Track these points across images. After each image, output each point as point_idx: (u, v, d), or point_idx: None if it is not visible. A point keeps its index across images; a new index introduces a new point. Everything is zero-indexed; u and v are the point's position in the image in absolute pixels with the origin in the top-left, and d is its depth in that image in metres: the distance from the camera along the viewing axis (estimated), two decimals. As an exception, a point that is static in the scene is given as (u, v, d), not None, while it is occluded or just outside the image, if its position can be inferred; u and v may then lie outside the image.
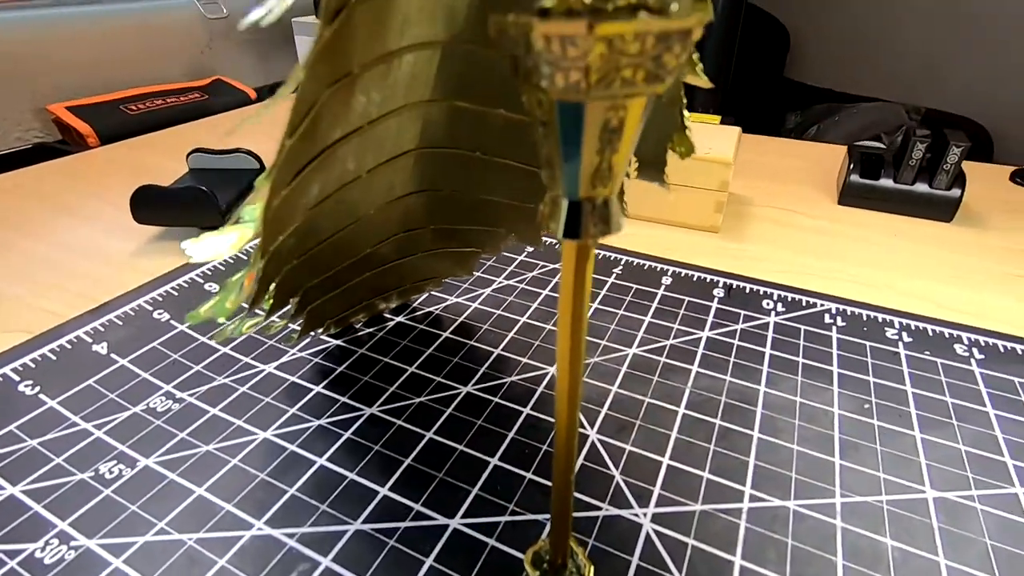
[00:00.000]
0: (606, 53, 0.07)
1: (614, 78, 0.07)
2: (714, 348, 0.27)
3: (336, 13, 0.10)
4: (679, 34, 0.07)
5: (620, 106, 0.08)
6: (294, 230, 0.15)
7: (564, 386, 0.11)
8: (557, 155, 0.08)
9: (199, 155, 0.41)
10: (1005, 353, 0.27)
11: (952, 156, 0.39)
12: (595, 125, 0.08)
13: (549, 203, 0.09)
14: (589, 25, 0.07)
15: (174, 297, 0.30)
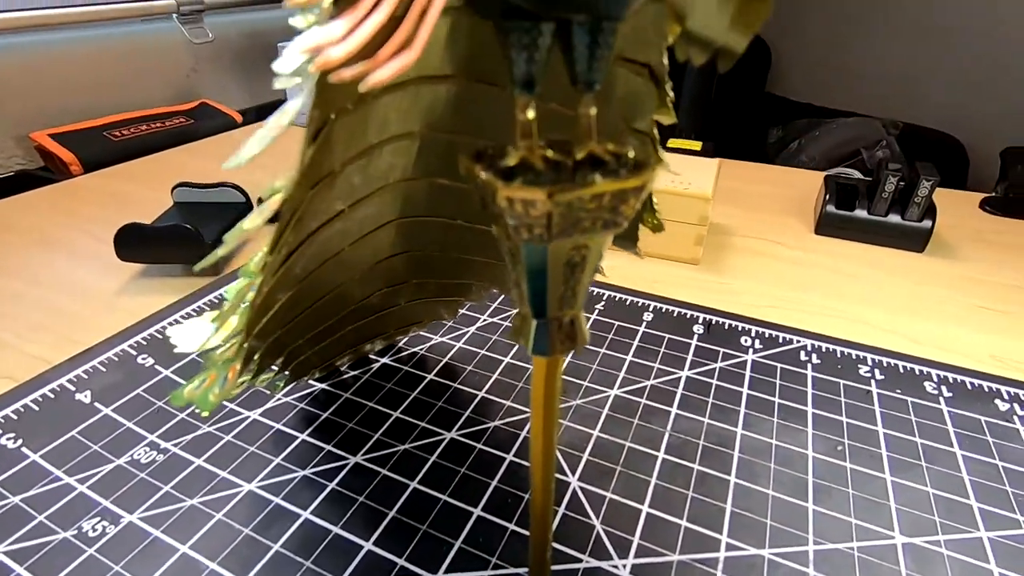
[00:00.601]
0: (566, 212, 0.07)
1: (574, 229, 0.08)
2: (693, 388, 0.28)
3: (316, 133, 0.11)
4: (634, 190, 0.08)
5: (582, 245, 0.08)
6: (278, 308, 0.15)
7: (538, 482, 0.11)
8: (524, 282, 0.09)
9: (184, 189, 0.41)
10: (972, 391, 0.28)
11: (923, 189, 0.40)
12: (558, 263, 0.08)
13: (519, 319, 0.09)
14: (549, 193, 0.07)
15: (158, 341, 0.30)
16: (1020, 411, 0.26)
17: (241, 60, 0.80)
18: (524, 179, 0.07)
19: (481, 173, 0.08)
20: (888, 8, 1.68)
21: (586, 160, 0.07)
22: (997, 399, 0.27)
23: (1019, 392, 0.28)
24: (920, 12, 1.65)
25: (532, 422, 0.10)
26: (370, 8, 0.06)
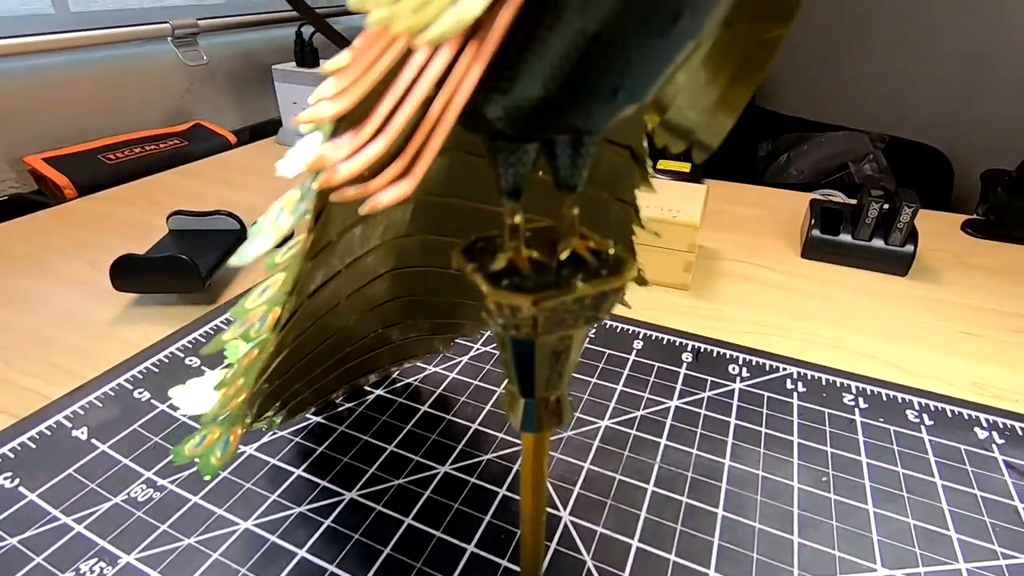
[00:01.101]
0: (550, 315, 0.08)
1: (558, 327, 0.08)
2: (682, 419, 0.28)
3: (317, 217, 0.11)
4: (613, 291, 0.08)
5: (566, 337, 0.09)
6: (278, 362, 0.16)
7: (528, 541, 0.12)
8: (512, 366, 0.09)
9: (179, 217, 0.41)
10: (952, 418, 0.28)
11: (904, 215, 0.41)
12: (544, 353, 0.09)
13: (508, 396, 0.10)
14: (534, 300, 0.08)
15: (155, 374, 0.30)
16: (998, 439, 0.27)
17: (235, 81, 0.80)
18: (511, 282, 0.08)
19: (472, 274, 0.08)
20: (874, 24, 1.72)
21: (569, 259, 0.08)
22: (976, 427, 0.28)
23: (997, 420, 0.28)
24: (904, 28, 1.68)
25: (522, 490, 0.11)
26: (373, 134, 0.07)
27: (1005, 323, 0.37)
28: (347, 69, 0.08)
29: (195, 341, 0.33)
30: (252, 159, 0.66)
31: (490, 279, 0.08)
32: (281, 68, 0.68)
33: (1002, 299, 0.40)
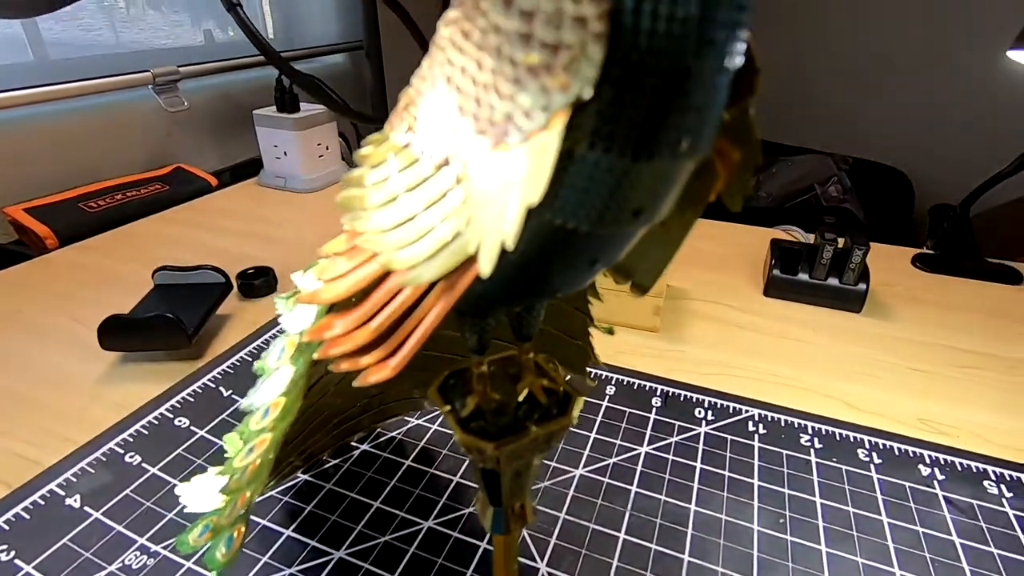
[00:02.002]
0: (510, 453, 0.10)
1: (518, 460, 0.10)
2: (652, 465, 0.30)
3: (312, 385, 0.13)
4: (560, 429, 0.10)
5: (526, 463, 0.11)
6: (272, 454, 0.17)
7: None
8: (481, 484, 0.11)
9: (165, 273, 0.43)
10: (899, 456, 0.31)
11: (856, 257, 0.44)
12: (507, 476, 0.11)
13: (480, 503, 0.12)
14: (495, 445, 0.09)
15: (144, 437, 0.31)
16: (939, 476, 0.30)
17: (215, 122, 0.82)
18: (477, 427, 0.10)
19: (446, 415, 0.10)
20: (832, 49, 1.80)
21: (527, 399, 0.10)
22: (920, 464, 0.30)
23: (940, 457, 0.31)
24: (860, 56, 1.77)
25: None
26: (364, 320, 0.09)
27: (950, 358, 0.40)
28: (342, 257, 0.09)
29: (183, 401, 0.34)
30: (233, 202, 0.67)
31: (460, 423, 0.10)
32: (262, 113, 0.69)
33: (948, 333, 0.43)
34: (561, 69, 0.07)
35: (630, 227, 0.09)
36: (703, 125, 0.09)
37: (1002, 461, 0.31)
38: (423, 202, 0.08)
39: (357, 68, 1.10)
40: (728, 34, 0.08)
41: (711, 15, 0.07)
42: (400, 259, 0.08)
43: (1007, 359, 0.40)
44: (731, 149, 0.11)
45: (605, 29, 0.06)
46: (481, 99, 0.08)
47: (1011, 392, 0.36)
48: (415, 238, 0.08)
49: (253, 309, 0.45)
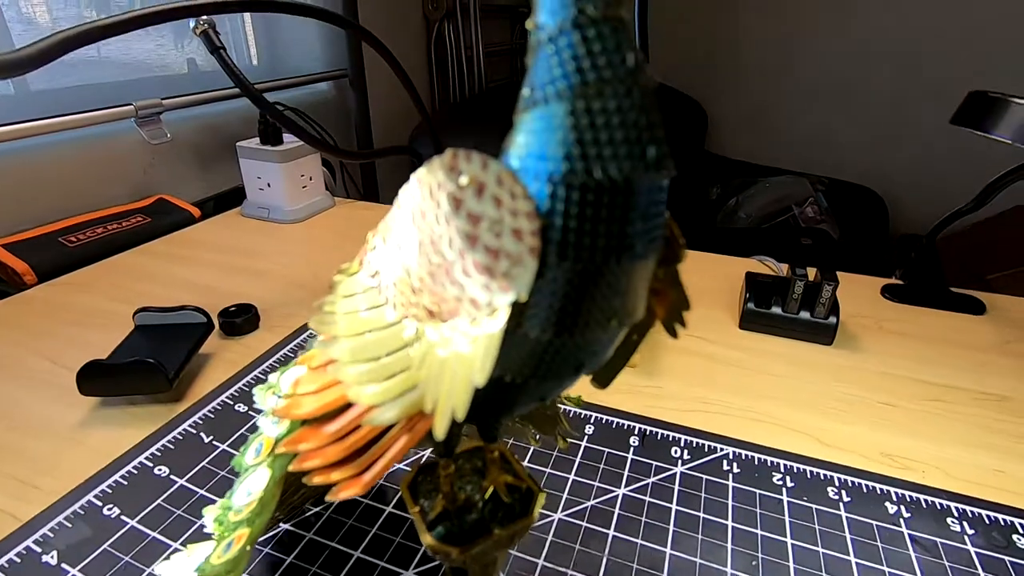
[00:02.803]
0: (476, 555, 0.10)
1: (484, 558, 0.11)
2: (629, 507, 0.31)
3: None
4: (522, 528, 0.11)
5: (491, 558, 0.11)
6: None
7: None
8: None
9: (146, 313, 0.43)
10: (867, 493, 0.32)
11: (825, 292, 0.45)
12: (476, 569, 0.11)
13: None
14: (460, 550, 0.10)
15: (123, 487, 0.31)
16: (905, 513, 0.31)
17: (199, 152, 0.82)
18: (444, 530, 0.10)
19: (415, 516, 0.11)
20: (808, 75, 1.85)
21: (492, 495, 0.11)
22: (887, 501, 0.31)
23: (906, 494, 0.32)
24: (836, 79, 1.82)
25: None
26: (335, 438, 0.09)
27: (916, 391, 0.41)
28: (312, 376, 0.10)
29: (164, 448, 0.34)
30: (216, 235, 0.68)
31: (428, 525, 0.10)
32: (245, 145, 0.70)
33: (914, 365, 0.44)
34: (501, 275, 0.08)
35: (574, 378, 0.10)
36: (626, 305, 0.10)
37: (964, 497, 0.32)
38: (386, 348, 0.09)
39: (342, 96, 1.11)
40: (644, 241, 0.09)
41: (630, 229, 0.08)
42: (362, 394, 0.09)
43: (969, 391, 0.41)
44: (667, 293, 0.13)
45: (538, 244, 0.07)
46: (436, 275, 0.09)
47: (972, 425, 0.38)
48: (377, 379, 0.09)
49: (235, 348, 0.45)
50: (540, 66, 0.09)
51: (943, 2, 1.64)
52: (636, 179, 0.08)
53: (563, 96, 0.08)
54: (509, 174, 0.09)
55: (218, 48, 0.45)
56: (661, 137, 0.09)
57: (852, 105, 1.85)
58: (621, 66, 0.08)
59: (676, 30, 1.91)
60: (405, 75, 0.63)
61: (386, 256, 0.10)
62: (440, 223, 0.09)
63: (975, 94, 0.45)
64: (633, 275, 0.09)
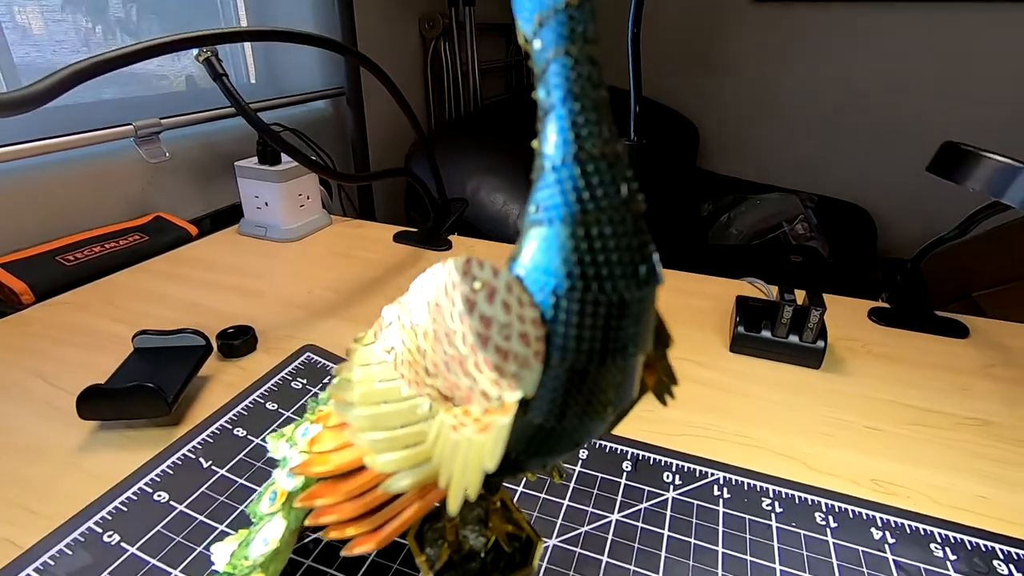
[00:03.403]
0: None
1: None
2: (622, 533, 0.31)
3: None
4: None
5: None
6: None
7: None
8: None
9: (145, 336, 0.43)
10: (853, 519, 0.33)
11: (813, 317, 0.46)
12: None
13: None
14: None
15: (123, 513, 0.31)
16: (890, 539, 0.31)
17: (196, 170, 0.83)
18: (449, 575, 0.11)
19: (422, 565, 0.11)
20: (795, 98, 1.88)
21: (494, 544, 0.11)
22: (873, 527, 0.32)
23: (891, 519, 0.33)
24: (825, 101, 1.86)
25: None
26: (351, 496, 0.10)
27: (901, 415, 0.42)
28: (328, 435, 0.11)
29: (163, 474, 0.34)
30: (214, 253, 0.68)
31: (435, 574, 0.11)
32: (244, 165, 0.70)
33: (900, 389, 0.45)
34: (511, 375, 0.09)
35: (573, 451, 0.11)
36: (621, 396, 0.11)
37: (947, 523, 0.33)
38: (400, 420, 0.10)
39: (339, 113, 1.12)
40: (636, 343, 0.10)
41: (623, 335, 0.10)
42: (378, 462, 0.10)
43: (951, 415, 0.42)
44: (656, 366, 0.14)
45: (543, 349, 0.08)
46: (450, 365, 0.10)
47: (955, 450, 0.39)
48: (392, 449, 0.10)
49: (233, 370, 0.45)
50: (545, 190, 0.10)
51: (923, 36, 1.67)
52: (629, 294, 0.09)
53: (566, 221, 0.09)
54: (518, 283, 0.10)
55: (220, 75, 0.46)
56: (651, 254, 0.10)
57: (840, 126, 1.88)
58: (616, 196, 0.09)
59: (671, 49, 1.95)
60: (402, 98, 0.64)
61: (401, 336, 0.11)
62: (455, 320, 0.10)
63: (948, 145, 0.46)
64: (627, 370, 0.10)
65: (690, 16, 1.91)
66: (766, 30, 1.84)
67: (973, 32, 1.63)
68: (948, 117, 1.72)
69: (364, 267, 0.65)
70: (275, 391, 0.42)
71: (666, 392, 0.15)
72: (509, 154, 1.14)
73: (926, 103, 1.74)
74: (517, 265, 0.10)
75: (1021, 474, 0.37)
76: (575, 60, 0.10)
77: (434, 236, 0.72)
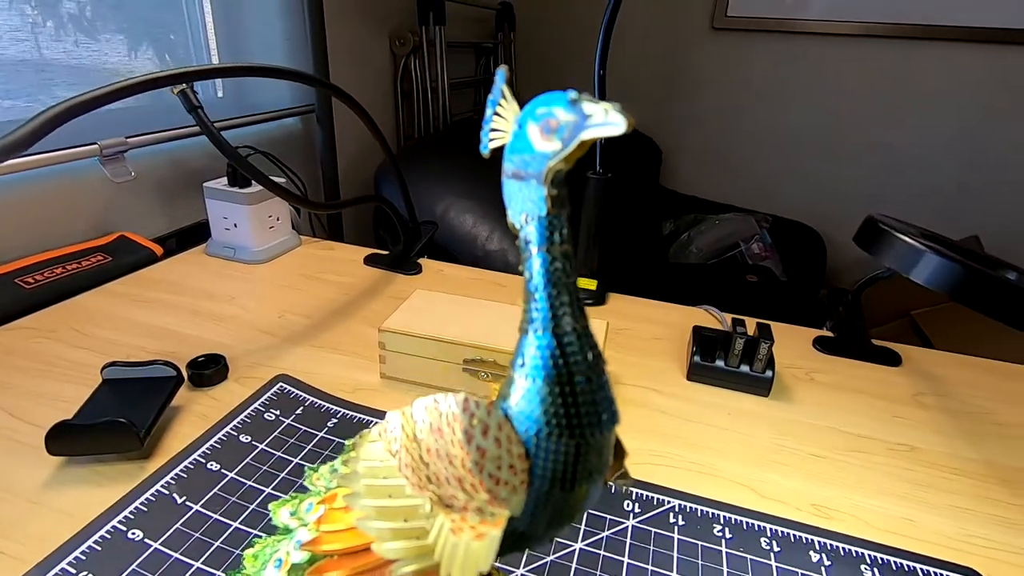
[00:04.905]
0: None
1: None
2: (585, 562, 0.33)
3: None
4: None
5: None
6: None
7: None
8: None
9: (114, 368, 0.43)
10: (794, 543, 0.36)
11: (763, 350, 0.50)
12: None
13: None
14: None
15: (97, 553, 0.31)
16: (827, 561, 0.35)
17: (161, 188, 0.82)
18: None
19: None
20: (751, 118, 1.97)
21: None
22: (811, 550, 0.35)
23: (827, 543, 0.36)
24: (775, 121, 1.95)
25: None
26: (356, 574, 0.12)
27: (839, 442, 0.46)
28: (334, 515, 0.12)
29: (137, 511, 0.34)
30: (181, 275, 0.67)
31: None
32: (213, 186, 0.70)
33: (839, 416, 0.49)
34: (501, 499, 0.11)
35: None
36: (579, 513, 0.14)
37: (875, 544, 0.36)
38: (404, 515, 0.12)
39: (308, 131, 1.12)
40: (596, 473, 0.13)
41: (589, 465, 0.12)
42: (384, 549, 0.11)
43: (884, 442, 0.46)
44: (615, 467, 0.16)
45: (527, 479, 0.11)
46: (449, 481, 0.12)
47: (886, 475, 0.43)
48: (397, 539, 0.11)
49: (204, 400, 0.46)
50: (529, 350, 0.13)
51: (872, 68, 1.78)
52: (593, 439, 0.12)
53: (546, 380, 0.12)
54: (507, 422, 0.12)
55: (196, 107, 0.47)
56: (612, 400, 0.13)
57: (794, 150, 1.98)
58: (584, 361, 0.12)
59: (635, 72, 2.01)
60: (375, 124, 0.66)
61: (405, 445, 0.13)
62: (455, 446, 0.12)
63: (869, 220, 0.51)
64: (591, 490, 0.13)
65: (654, 41, 1.98)
66: (726, 57, 1.92)
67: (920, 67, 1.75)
68: (894, 143, 1.83)
69: (335, 290, 0.66)
70: (248, 423, 0.42)
71: (624, 483, 0.17)
72: (477, 176, 1.17)
73: (874, 130, 1.85)
74: (506, 405, 0.13)
75: (943, 498, 0.41)
76: (552, 257, 0.12)
77: (405, 259, 0.73)
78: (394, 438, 0.14)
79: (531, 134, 0.13)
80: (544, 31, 2.07)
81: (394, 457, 0.14)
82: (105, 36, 0.84)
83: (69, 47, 0.79)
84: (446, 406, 0.13)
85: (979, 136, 1.76)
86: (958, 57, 1.71)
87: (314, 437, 0.42)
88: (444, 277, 0.72)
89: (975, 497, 0.41)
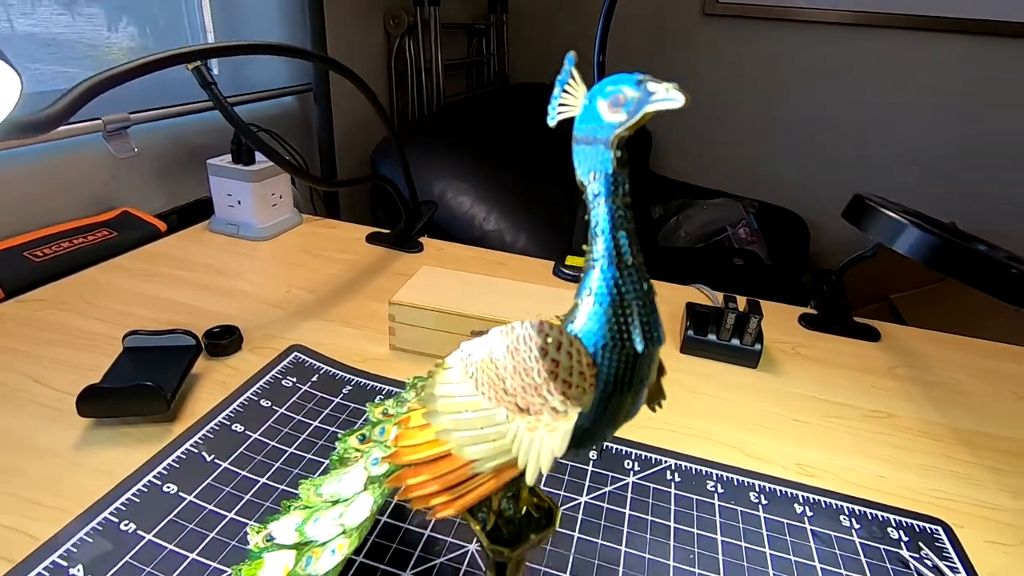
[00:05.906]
0: (518, 552, 0.15)
1: (521, 555, 0.16)
2: (590, 513, 0.36)
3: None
4: (548, 534, 0.16)
5: (524, 555, 0.16)
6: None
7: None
8: (495, 569, 0.17)
9: (136, 336, 0.45)
10: (780, 497, 0.39)
11: (752, 324, 0.53)
12: (512, 565, 0.16)
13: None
14: (510, 551, 0.15)
15: (136, 504, 0.34)
16: (809, 512, 0.38)
17: (164, 164, 0.82)
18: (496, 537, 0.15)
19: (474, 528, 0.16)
20: (739, 104, 2.00)
21: (526, 512, 0.16)
22: (796, 503, 0.39)
23: (810, 496, 0.39)
24: (763, 109, 1.98)
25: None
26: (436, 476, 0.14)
27: (822, 409, 0.49)
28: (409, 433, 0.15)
29: (170, 467, 0.36)
30: (186, 251, 0.69)
31: (487, 535, 0.15)
32: (216, 163, 0.71)
33: (821, 387, 0.52)
34: (574, 398, 0.13)
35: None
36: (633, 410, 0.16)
37: (852, 498, 0.39)
38: (482, 423, 0.14)
39: (305, 109, 1.12)
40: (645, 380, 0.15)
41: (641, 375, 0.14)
42: (465, 452, 0.14)
43: (861, 409, 0.50)
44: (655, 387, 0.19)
45: (594, 382, 0.13)
46: (527, 389, 0.14)
47: (862, 439, 0.46)
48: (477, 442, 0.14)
49: (222, 368, 0.48)
50: (595, 281, 0.16)
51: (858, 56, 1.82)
52: (645, 351, 0.14)
53: (610, 304, 0.14)
54: (577, 340, 0.14)
55: (209, 84, 0.48)
56: (659, 326, 0.15)
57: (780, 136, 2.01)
58: (640, 290, 0.14)
59: (626, 57, 2.02)
60: (378, 101, 0.67)
61: (481, 366, 0.15)
62: (531, 361, 0.14)
63: (857, 198, 0.54)
64: (639, 394, 0.15)
65: (645, 27, 1.99)
66: (715, 43, 1.94)
67: (904, 56, 1.79)
68: (877, 132, 1.88)
69: (339, 267, 0.68)
70: (268, 388, 0.44)
71: (657, 404, 0.20)
72: (474, 157, 1.18)
73: (858, 119, 1.89)
74: (572, 325, 0.15)
75: (912, 457, 0.44)
76: (617, 207, 0.15)
77: (406, 238, 0.75)
78: (471, 362, 0.16)
79: (600, 108, 0.16)
80: (536, 14, 2.07)
81: (471, 379, 0.16)
82: (95, 10, 0.83)
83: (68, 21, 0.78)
84: (522, 329, 0.16)
85: (959, 126, 1.81)
86: (942, 47, 1.75)
87: (330, 402, 0.44)
88: (446, 255, 0.74)
89: (941, 456, 0.45)
